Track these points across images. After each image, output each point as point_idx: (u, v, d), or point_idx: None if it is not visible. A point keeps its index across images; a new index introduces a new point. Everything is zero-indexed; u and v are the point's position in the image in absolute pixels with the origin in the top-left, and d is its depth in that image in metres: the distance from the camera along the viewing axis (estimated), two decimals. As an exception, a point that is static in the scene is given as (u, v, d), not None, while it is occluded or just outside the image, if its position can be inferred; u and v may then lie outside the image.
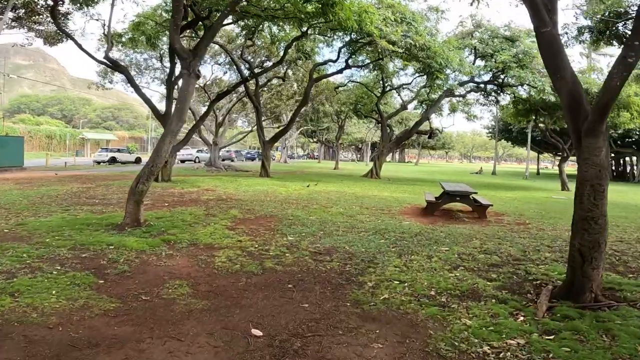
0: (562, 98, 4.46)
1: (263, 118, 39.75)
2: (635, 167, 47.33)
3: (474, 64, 24.74)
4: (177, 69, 16.23)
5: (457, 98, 31.05)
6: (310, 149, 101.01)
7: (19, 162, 22.53)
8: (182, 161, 39.50)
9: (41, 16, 17.57)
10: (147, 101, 16.65)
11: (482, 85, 26.75)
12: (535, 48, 22.98)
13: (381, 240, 7.06)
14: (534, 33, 4.76)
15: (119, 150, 33.03)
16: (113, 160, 30.62)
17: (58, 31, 17.61)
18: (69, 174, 19.38)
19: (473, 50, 25.08)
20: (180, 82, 13.06)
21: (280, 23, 17.52)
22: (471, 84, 26.72)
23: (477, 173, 44.23)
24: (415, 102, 31.37)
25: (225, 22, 17.29)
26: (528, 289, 4.74)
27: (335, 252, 6.22)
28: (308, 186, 16.76)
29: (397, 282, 4.84)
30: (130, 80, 16.35)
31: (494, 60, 23.67)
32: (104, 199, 11.06)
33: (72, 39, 15.18)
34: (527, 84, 22.77)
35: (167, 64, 28.50)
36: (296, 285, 4.79)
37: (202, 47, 8.63)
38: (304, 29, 17.47)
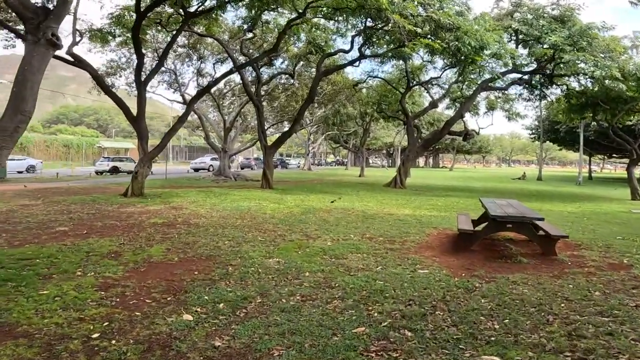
0: None
1: (281, 122, 36.87)
2: None
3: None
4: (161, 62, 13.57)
5: (496, 93, 26.94)
6: (341, 155, 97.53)
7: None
8: (196, 170, 37.09)
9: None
10: (119, 103, 13.83)
11: (525, 77, 22.50)
12: (595, 27, 18.78)
13: (360, 327, 3.57)
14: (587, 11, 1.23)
15: (121, 160, 30.64)
16: (115, 170, 28.21)
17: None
18: (41, 187, 16.78)
19: (514, 35, 20.91)
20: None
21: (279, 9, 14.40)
22: (513, 75, 22.52)
23: (519, 179, 39.50)
24: (447, 101, 27.52)
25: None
26: None
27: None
28: (333, 202, 13.31)
29: None
30: (96, 79, 13.64)
31: (540, 45, 19.59)
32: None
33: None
34: (583, 73, 18.51)
35: (174, 65, 26.19)
36: None
37: (61, 3, 5.37)
38: (301, 10, 14.18)
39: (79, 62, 13.08)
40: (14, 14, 14.05)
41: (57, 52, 13.48)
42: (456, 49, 16.34)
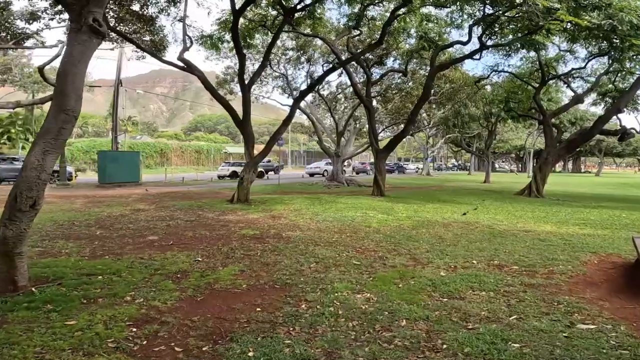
0: None
1: (396, 124, 35.17)
2: None
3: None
4: (256, 65, 13.23)
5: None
6: (463, 160, 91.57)
7: (134, 178, 21.98)
8: (311, 174, 37.35)
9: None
10: (227, 107, 13.77)
11: None
12: None
13: None
14: None
15: (240, 165, 31.83)
16: (234, 175, 29.34)
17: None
18: (162, 191, 17.70)
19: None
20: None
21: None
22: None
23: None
24: (592, 96, 23.03)
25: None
26: None
27: None
28: (465, 214, 11.49)
29: None
30: (204, 82, 13.72)
31: None
32: (92, 234, 7.99)
33: (128, 39, 13.09)
34: None
35: (285, 69, 26.41)
36: None
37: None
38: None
39: (188, 67, 13.27)
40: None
41: (171, 59, 13.89)
42: (610, 29, 13.10)
